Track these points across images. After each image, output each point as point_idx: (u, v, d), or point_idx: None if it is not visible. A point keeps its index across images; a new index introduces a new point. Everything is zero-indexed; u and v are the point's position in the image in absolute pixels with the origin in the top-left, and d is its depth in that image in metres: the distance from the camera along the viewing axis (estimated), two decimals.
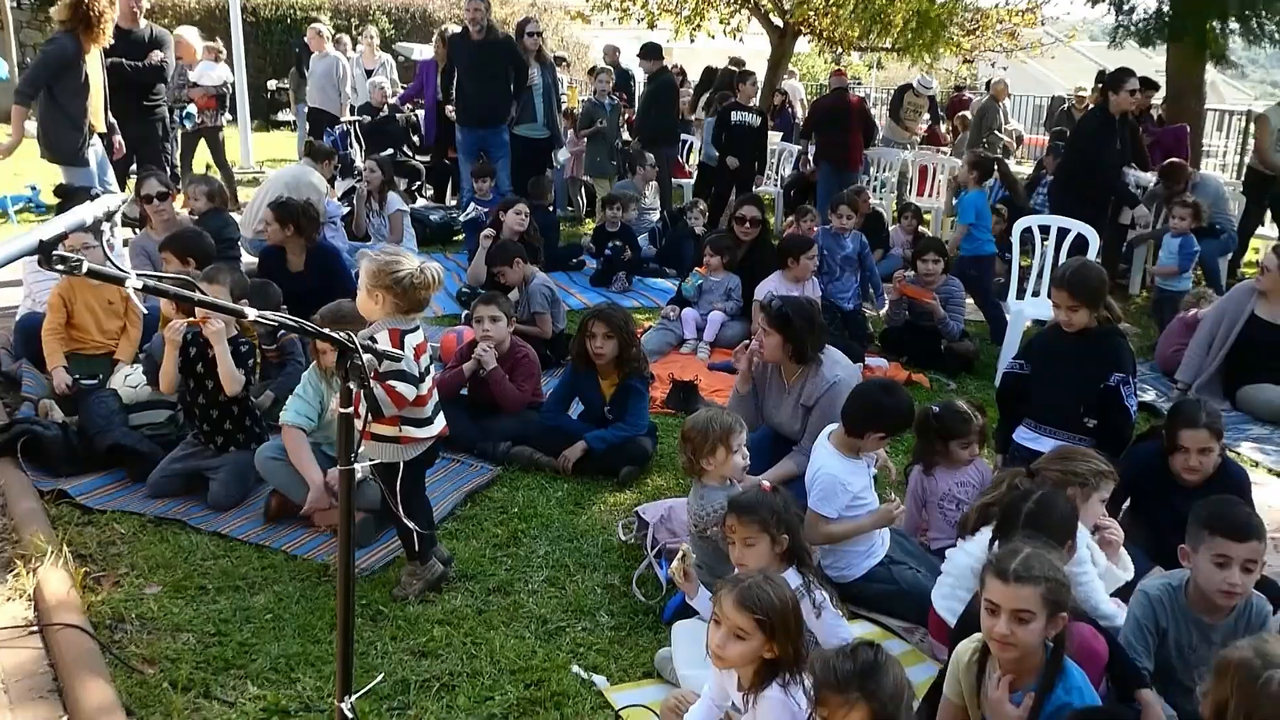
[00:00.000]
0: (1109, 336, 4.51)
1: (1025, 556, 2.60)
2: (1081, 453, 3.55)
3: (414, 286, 3.50)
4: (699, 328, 6.92)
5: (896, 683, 2.38)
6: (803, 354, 4.51)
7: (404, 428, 3.57)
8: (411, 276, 3.49)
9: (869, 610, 3.89)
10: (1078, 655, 2.77)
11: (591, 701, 3.25)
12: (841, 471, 3.92)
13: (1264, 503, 5.04)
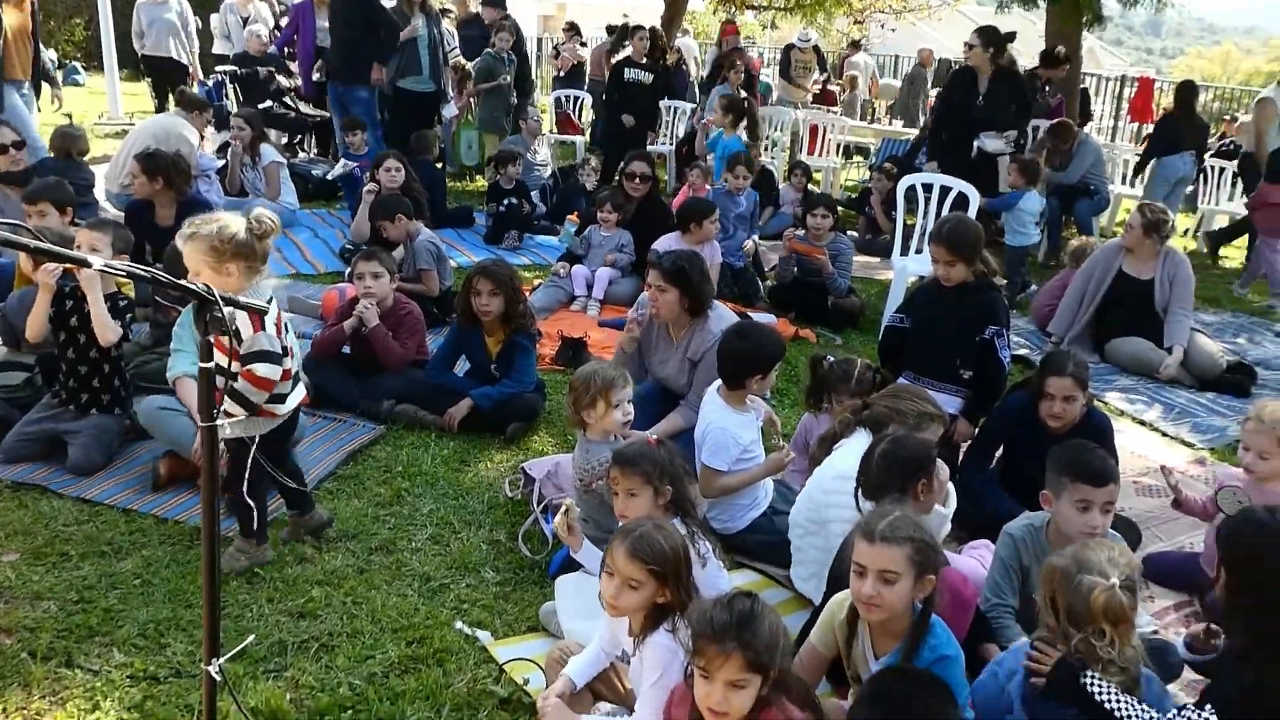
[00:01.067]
0: (985, 290, 4.64)
1: (893, 519, 2.65)
2: (913, 393, 3.65)
3: (258, 238, 3.33)
4: (589, 284, 6.89)
5: (773, 631, 2.40)
6: (699, 307, 4.53)
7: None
8: (249, 230, 3.32)
9: (752, 560, 3.96)
10: (949, 603, 2.83)
11: (475, 657, 3.22)
12: (732, 425, 3.96)
13: (1127, 449, 5.29)
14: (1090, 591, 2.49)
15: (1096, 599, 2.47)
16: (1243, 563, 2.36)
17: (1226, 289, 9.05)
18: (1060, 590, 2.56)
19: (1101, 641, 2.45)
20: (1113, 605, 2.45)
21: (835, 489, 3.45)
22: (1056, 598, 2.58)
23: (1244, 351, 7.26)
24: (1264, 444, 3.79)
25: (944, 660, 2.62)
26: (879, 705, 2.11)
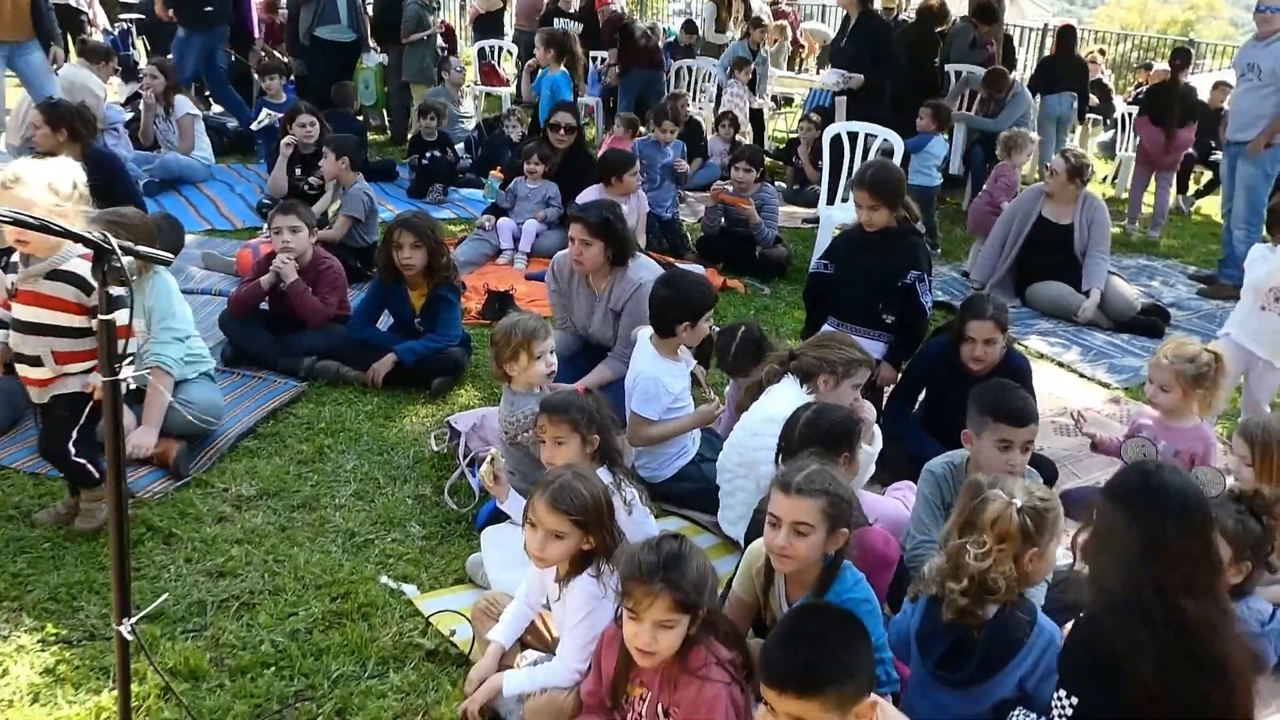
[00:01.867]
0: (906, 236, 4.68)
1: (809, 472, 2.65)
2: (839, 341, 3.68)
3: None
4: (515, 237, 6.79)
5: (700, 572, 2.42)
6: (622, 257, 4.50)
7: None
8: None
9: (679, 507, 3.98)
10: (871, 563, 2.87)
11: (401, 610, 3.20)
12: (662, 374, 3.95)
13: (1047, 391, 5.41)
14: (988, 502, 2.54)
15: (990, 508, 2.52)
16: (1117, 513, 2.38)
17: (1141, 233, 9.27)
18: (965, 501, 2.63)
19: (978, 550, 2.49)
20: (1002, 519, 2.50)
21: (763, 431, 3.46)
22: (963, 510, 2.63)
23: (1158, 294, 7.46)
24: (1165, 378, 3.91)
25: (851, 602, 2.65)
26: (791, 640, 2.13)
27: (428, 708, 2.81)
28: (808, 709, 2.03)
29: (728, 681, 2.42)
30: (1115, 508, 2.31)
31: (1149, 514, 2.24)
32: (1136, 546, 2.22)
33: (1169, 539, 2.21)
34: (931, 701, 2.65)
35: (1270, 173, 7.25)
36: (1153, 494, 2.25)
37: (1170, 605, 2.18)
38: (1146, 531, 2.22)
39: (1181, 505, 2.24)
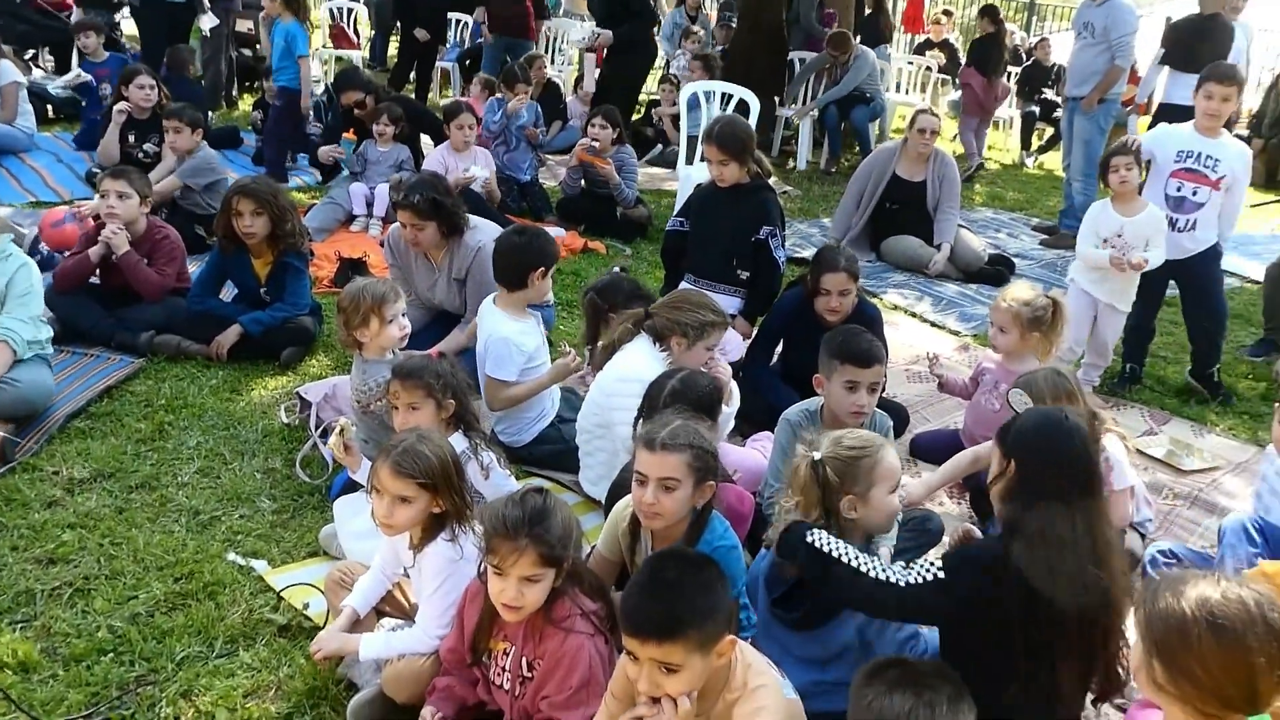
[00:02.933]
0: (758, 191, 4.72)
1: (673, 427, 2.66)
2: (693, 302, 3.67)
3: None
4: (369, 202, 6.58)
5: (565, 525, 2.40)
6: (456, 227, 4.40)
7: None
8: None
9: (540, 469, 3.95)
10: (726, 517, 2.88)
11: (251, 587, 3.08)
12: (512, 333, 3.89)
13: (899, 340, 5.57)
14: (795, 459, 2.65)
15: (792, 463, 2.64)
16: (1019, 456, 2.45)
17: (992, 187, 9.63)
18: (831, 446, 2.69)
19: (788, 504, 2.62)
20: (799, 472, 2.63)
21: (618, 391, 3.45)
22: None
23: (1004, 246, 7.76)
24: (1003, 319, 4.08)
25: (719, 549, 2.69)
26: (649, 587, 2.13)
27: (280, 683, 2.72)
28: (670, 653, 2.03)
29: (592, 633, 2.42)
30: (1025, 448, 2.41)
31: (1061, 455, 2.35)
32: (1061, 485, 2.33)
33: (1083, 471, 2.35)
34: (776, 643, 2.70)
35: (1104, 126, 7.60)
36: (1066, 433, 2.37)
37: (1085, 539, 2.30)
38: (1065, 469, 2.34)
39: (1085, 439, 2.38)
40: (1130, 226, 4.79)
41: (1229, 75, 4.88)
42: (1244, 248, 8.16)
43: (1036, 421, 2.45)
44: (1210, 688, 1.70)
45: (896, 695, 1.93)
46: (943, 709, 1.89)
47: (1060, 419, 2.42)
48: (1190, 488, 4.37)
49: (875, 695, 1.98)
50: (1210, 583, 1.77)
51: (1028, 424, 2.45)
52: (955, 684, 2.00)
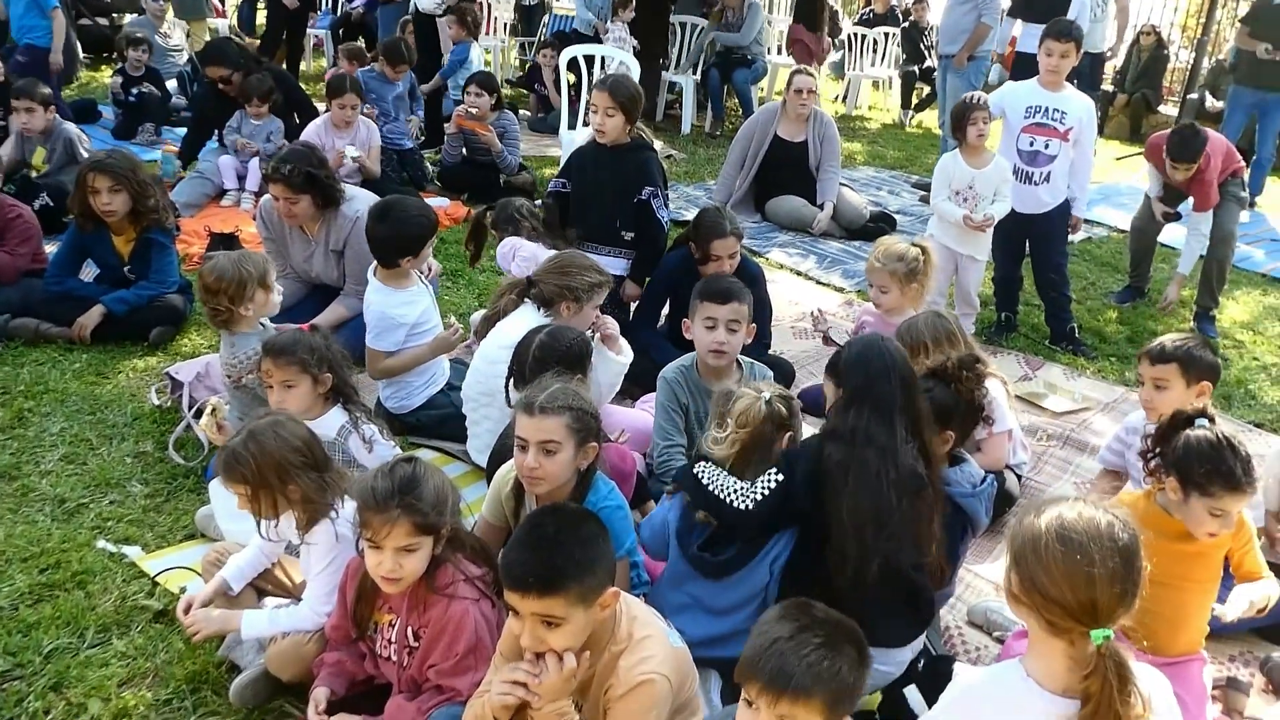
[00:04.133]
0: (639, 151, 4.69)
1: (551, 390, 2.64)
2: (577, 265, 3.65)
3: None
4: (240, 175, 6.34)
5: (438, 491, 2.36)
6: (332, 199, 4.27)
7: None
8: None
9: (429, 437, 3.89)
10: (609, 477, 2.88)
11: (124, 574, 2.97)
12: (392, 305, 3.81)
13: (786, 298, 5.67)
14: (738, 399, 2.70)
15: (740, 403, 2.69)
16: (843, 378, 2.64)
17: (873, 146, 9.81)
18: (717, 406, 2.81)
19: (722, 435, 2.69)
20: (751, 409, 2.68)
21: (501, 359, 3.40)
22: (716, 413, 2.78)
23: (885, 203, 7.92)
24: (882, 280, 4.17)
25: (605, 510, 2.68)
26: (529, 542, 2.11)
27: (158, 669, 2.63)
28: (551, 605, 2.02)
29: (477, 598, 2.40)
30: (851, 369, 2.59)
31: (877, 369, 2.56)
32: (877, 406, 2.52)
33: (902, 394, 2.53)
34: (686, 594, 2.72)
35: (974, 83, 7.80)
36: (886, 362, 2.57)
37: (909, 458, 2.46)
38: (880, 383, 2.53)
39: (905, 366, 2.59)
40: (980, 178, 4.95)
41: (1066, 32, 5.06)
42: (1111, 199, 8.52)
43: (858, 348, 2.67)
44: (1055, 597, 1.78)
45: (786, 623, 1.94)
46: (810, 647, 1.89)
47: (878, 342, 2.64)
48: (1062, 428, 4.55)
49: (769, 625, 1.99)
50: (1070, 505, 1.86)
51: (850, 350, 2.68)
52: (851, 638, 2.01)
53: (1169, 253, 6.65)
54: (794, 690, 1.84)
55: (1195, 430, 2.64)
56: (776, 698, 1.85)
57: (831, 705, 1.87)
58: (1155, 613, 1.85)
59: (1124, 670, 1.75)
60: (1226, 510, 2.59)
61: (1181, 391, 3.30)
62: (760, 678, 1.86)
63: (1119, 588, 1.76)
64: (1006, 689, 1.87)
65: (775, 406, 2.70)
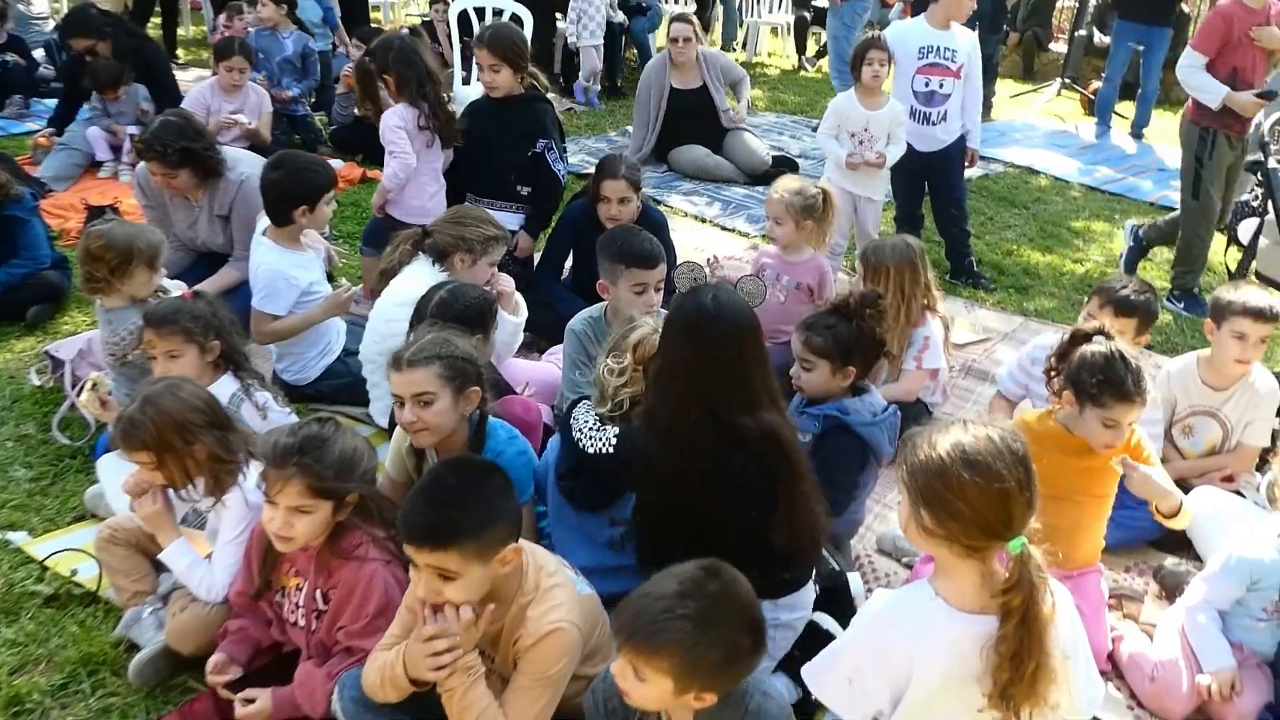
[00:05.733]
0: (532, 103, 4.61)
1: (419, 344, 2.60)
2: (473, 218, 3.59)
3: None
4: (113, 146, 6.04)
5: (345, 455, 2.31)
6: (213, 169, 4.10)
7: None
8: None
9: (331, 406, 3.79)
10: (514, 428, 2.84)
11: (10, 561, 2.87)
12: (286, 265, 3.71)
13: (693, 245, 5.66)
14: (636, 329, 2.68)
15: (637, 333, 2.66)
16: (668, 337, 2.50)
17: (773, 92, 9.81)
18: (617, 333, 2.77)
19: (617, 366, 2.64)
20: (646, 342, 2.63)
21: (397, 316, 3.31)
22: (613, 339, 2.74)
23: (787, 147, 7.93)
24: (777, 211, 4.18)
25: (504, 456, 2.67)
26: (427, 495, 2.07)
27: (51, 654, 2.56)
28: (445, 559, 2.00)
29: (386, 560, 2.37)
30: (671, 338, 2.42)
31: (702, 336, 2.35)
32: (693, 367, 2.35)
33: (721, 357, 2.34)
34: (569, 528, 2.73)
35: (849, 24, 7.84)
36: (705, 318, 2.35)
37: (724, 422, 2.33)
38: (700, 353, 2.34)
39: (731, 323, 2.36)
40: (874, 120, 4.98)
41: None
42: (1005, 135, 8.68)
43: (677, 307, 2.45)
44: (973, 519, 1.79)
45: (673, 581, 1.92)
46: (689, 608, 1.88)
47: (702, 298, 2.41)
48: (964, 359, 4.64)
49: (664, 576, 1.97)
50: (959, 428, 1.87)
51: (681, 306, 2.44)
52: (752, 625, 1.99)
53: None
54: (639, 642, 1.83)
55: (1091, 345, 2.72)
56: (636, 652, 1.85)
57: (684, 670, 1.83)
58: (1055, 527, 1.89)
59: (1040, 575, 1.78)
60: (1118, 421, 2.67)
61: (1131, 341, 3.30)
62: (618, 618, 1.88)
63: (1027, 494, 1.80)
64: (917, 611, 1.89)
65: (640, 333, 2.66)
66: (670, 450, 2.37)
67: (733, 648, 1.86)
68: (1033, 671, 1.76)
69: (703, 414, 2.33)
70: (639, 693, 1.88)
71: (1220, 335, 3.38)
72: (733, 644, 1.86)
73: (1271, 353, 4.79)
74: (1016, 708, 1.78)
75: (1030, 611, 1.76)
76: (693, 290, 2.49)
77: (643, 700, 1.90)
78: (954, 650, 1.83)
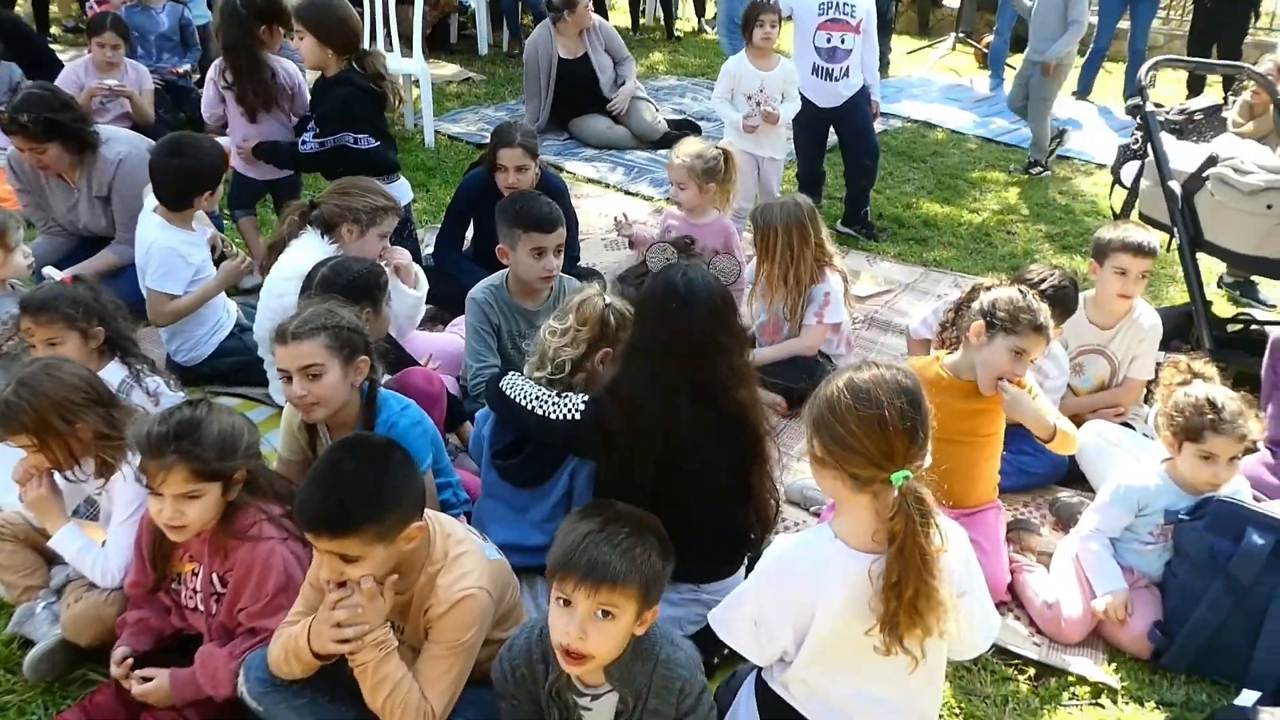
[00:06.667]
0: (333, 86, 4.26)
1: (303, 316, 2.55)
2: (361, 187, 3.52)
3: None
4: None
5: (224, 434, 2.24)
6: (85, 143, 3.94)
7: None
8: None
9: (229, 385, 3.72)
10: (416, 401, 2.81)
11: None
12: (179, 243, 3.62)
13: (597, 211, 5.64)
14: (581, 295, 2.71)
15: (581, 297, 2.70)
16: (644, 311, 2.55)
17: (674, 55, 9.78)
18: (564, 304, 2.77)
19: (561, 326, 2.67)
20: (589, 304, 2.68)
21: (288, 291, 3.23)
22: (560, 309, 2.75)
23: (688, 109, 7.93)
24: (680, 176, 4.19)
25: (399, 427, 2.64)
26: (323, 480, 2.03)
27: None
28: (346, 545, 1.97)
29: (283, 538, 2.32)
30: (643, 317, 2.48)
31: (676, 314, 2.41)
32: (670, 345, 2.40)
33: (696, 335, 2.41)
34: (504, 504, 2.71)
35: None
36: (679, 296, 2.41)
37: (699, 399, 2.40)
38: (679, 332, 2.40)
39: (705, 301, 2.42)
40: (768, 81, 5.02)
41: None
42: (903, 91, 8.80)
43: (653, 283, 2.52)
44: (855, 447, 1.86)
45: (586, 522, 1.95)
46: (620, 536, 1.91)
47: (674, 275, 2.48)
48: (867, 311, 4.72)
49: (572, 521, 1.99)
50: (857, 367, 1.95)
51: (648, 285, 2.53)
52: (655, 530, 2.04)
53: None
54: (612, 578, 1.86)
55: (1002, 288, 2.88)
56: (595, 588, 1.86)
57: (644, 592, 1.91)
58: (948, 468, 1.95)
59: (924, 506, 1.84)
60: (1027, 350, 2.78)
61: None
62: (577, 571, 1.87)
63: (908, 426, 1.85)
64: (816, 550, 1.95)
65: (610, 313, 2.68)
66: (640, 424, 2.40)
67: (659, 555, 1.94)
68: (912, 598, 1.81)
69: (677, 391, 2.38)
70: (603, 639, 1.90)
71: (1103, 272, 3.51)
72: (657, 552, 1.94)
73: (1162, 292, 4.99)
74: (901, 635, 1.84)
75: (910, 541, 1.81)
76: (665, 269, 2.57)
77: (604, 648, 1.92)
78: (851, 587, 1.88)
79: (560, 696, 2.07)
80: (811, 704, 2.04)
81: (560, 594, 1.90)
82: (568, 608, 1.89)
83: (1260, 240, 3.61)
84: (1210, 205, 3.78)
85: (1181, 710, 2.58)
